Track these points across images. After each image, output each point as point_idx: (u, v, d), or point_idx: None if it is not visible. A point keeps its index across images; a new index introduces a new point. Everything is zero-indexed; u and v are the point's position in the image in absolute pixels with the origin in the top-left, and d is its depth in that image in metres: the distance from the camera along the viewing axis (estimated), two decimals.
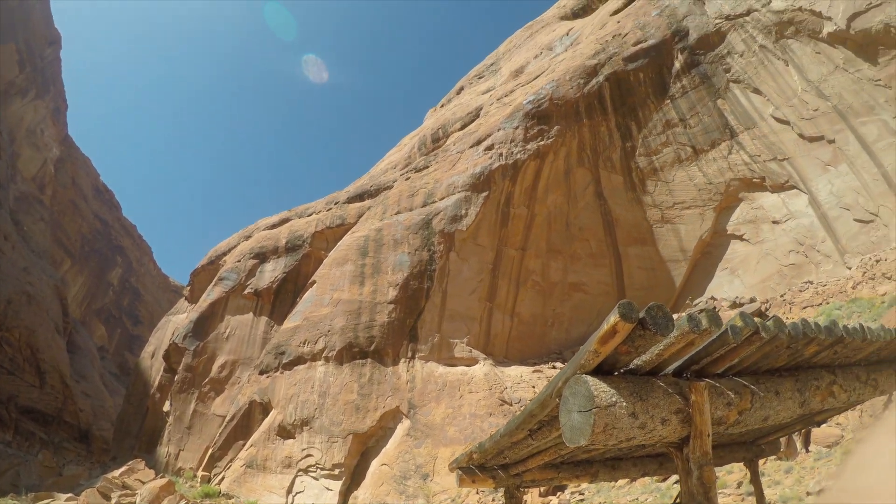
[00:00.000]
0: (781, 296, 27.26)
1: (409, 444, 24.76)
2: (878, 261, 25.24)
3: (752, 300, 28.38)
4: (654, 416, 3.72)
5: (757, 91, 31.41)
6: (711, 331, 3.56)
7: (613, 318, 3.24)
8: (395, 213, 33.57)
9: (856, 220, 27.30)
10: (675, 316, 20.47)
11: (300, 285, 35.68)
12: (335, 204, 38.57)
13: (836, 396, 5.48)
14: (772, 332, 4.16)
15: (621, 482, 18.08)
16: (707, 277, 31.84)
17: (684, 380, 4.10)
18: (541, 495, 19.11)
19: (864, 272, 24.89)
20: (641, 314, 3.30)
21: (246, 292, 36.56)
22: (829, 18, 29.24)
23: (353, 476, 25.40)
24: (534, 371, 27.81)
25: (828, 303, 24.14)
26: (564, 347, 31.73)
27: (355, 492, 24.54)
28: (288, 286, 36.07)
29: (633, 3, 37.96)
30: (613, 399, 3.48)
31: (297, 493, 25.62)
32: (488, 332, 30.70)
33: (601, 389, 3.49)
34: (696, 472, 3.97)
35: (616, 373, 3.80)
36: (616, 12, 38.99)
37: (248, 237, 41.53)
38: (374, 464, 25.20)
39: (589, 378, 3.54)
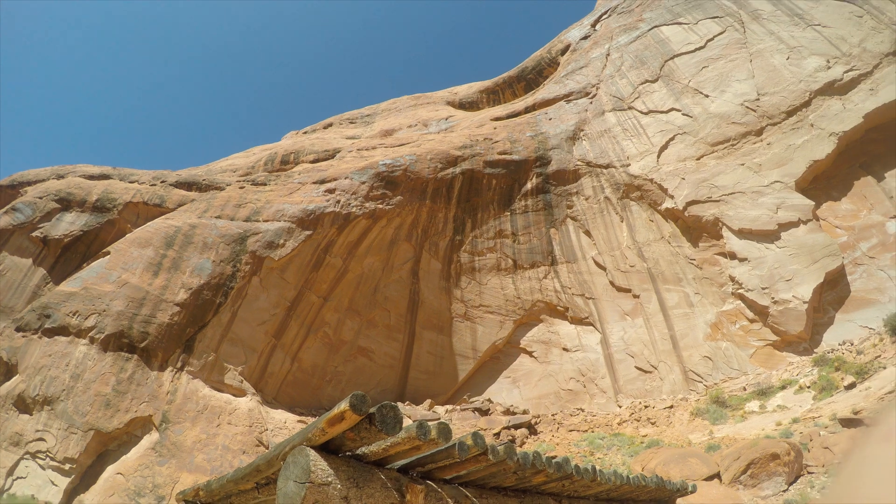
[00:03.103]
0: (553, 415, 31.91)
1: (153, 459, 24.44)
2: (646, 406, 31.29)
3: (525, 412, 32.40)
4: None
5: (588, 233, 37.01)
6: (439, 442, 3.98)
7: (344, 405, 3.59)
8: (216, 217, 34.33)
9: (637, 367, 33.64)
10: (449, 410, 24.49)
11: (93, 251, 34.99)
12: (161, 182, 38.68)
13: None
14: (500, 457, 4.71)
15: None
16: (490, 380, 36.39)
17: (407, 477, 4.49)
18: None
19: (632, 413, 30.74)
20: (372, 410, 3.66)
21: (34, 234, 35.24)
22: (672, 197, 35.61)
23: (84, 477, 24.49)
24: (299, 421, 28.87)
25: (593, 431, 28.95)
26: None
27: (82, 495, 23.67)
28: (80, 246, 35.21)
29: (516, 118, 43.43)
30: (329, 479, 3.75)
31: (18, 477, 24.34)
32: (265, 368, 31.69)
33: (320, 466, 3.77)
34: None
35: (342, 454, 4.09)
36: (497, 119, 44.24)
37: (60, 177, 39.87)
38: (110, 470, 24.52)
39: (312, 452, 3.81)
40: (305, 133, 54.80)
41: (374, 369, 35.52)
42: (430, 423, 3.95)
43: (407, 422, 29.00)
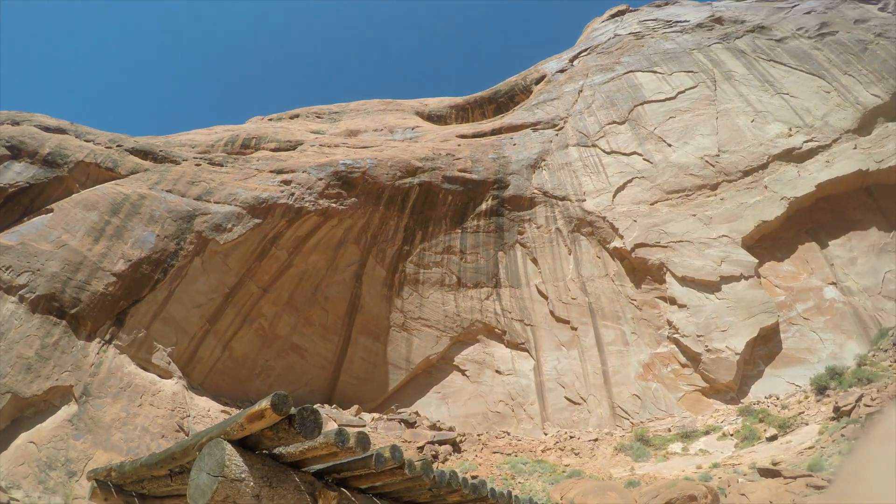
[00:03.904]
0: (479, 435, 32.85)
1: (68, 432, 24.08)
2: (571, 437, 32.55)
3: (451, 429, 33.15)
4: None
5: (535, 261, 38.32)
6: (356, 451, 4.06)
7: (265, 403, 3.63)
8: (167, 191, 34.37)
9: (567, 397, 34.90)
10: (376, 418, 25.29)
11: (37, 205, 34.35)
12: (117, 146, 38.26)
13: None
14: (416, 473, 4.78)
15: None
16: (420, 393, 37.27)
17: (321, 482, 4.53)
18: None
19: (557, 442, 31.90)
20: (294, 411, 3.69)
21: None
22: (622, 237, 37.21)
23: None
24: (222, 411, 28.94)
25: (517, 455, 29.73)
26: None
27: None
28: (24, 198, 34.52)
29: (481, 139, 44.99)
30: (243, 475, 3.77)
31: None
32: (195, 352, 31.64)
33: (235, 462, 3.78)
34: None
35: (259, 452, 4.12)
36: (463, 137, 45.62)
37: (16, 123, 38.74)
38: (23, 437, 23.91)
39: (228, 446, 3.83)
40: (271, 120, 55.12)
41: (306, 368, 35.90)
42: (349, 432, 4.08)
43: (332, 425, 29.55)
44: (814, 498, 16.76)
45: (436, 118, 55.08)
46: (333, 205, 36.45)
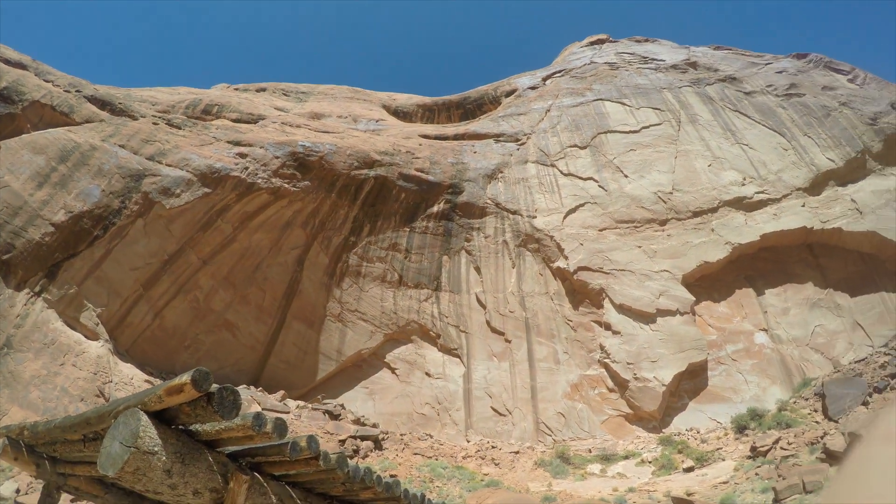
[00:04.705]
0: (402, 435, 33.46)
1: None
2: (493, 447, 33.53)
3: (375, 426, 33.75)
4: (189, 483, 4.04)
5: (478, 270, 39.43)
6: (272, 437, 4.11)
7: (186, 378, 3.63)
8: (120, 145, 34.17)
9: (493, 408, 35.97)
10: (301, 406, 26.04)
11: None
12: (76, 91, 37.96)
13: None
14: (331, 465, 4.84)
15: None
16: (347, 386, 37.87)
17: (235, 465, 4.54)
18: None
19: (479, 450, 32.80)
20: (213, 389, 3.70)
21: None
22: (566, 258, 38.55)
23: None
24: (146, 380, 28.92)
25: (438, 459, 30.53)
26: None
27: None
28: None
29: (443, 142, 46.17)
30: (156, 448, 3.75)
31: None
32: (125, 317, 31.45)
33: (149, 434, 3.77)
34: None
35: (175, 426, 4.12)
36: (426, 137, 46.63)
37: None
38: None
39: (144, 418, 3.82)
40: (237, 90, 55.15)
41: (236, 347, 36.04)
42: (267, 416, 4.11)
43: (256, 408, 29.92)
44: None
45: (402, 114, 55.96)
46: (286, 185, 36.78)
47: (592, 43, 64.12)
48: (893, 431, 1.42)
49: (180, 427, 4.15)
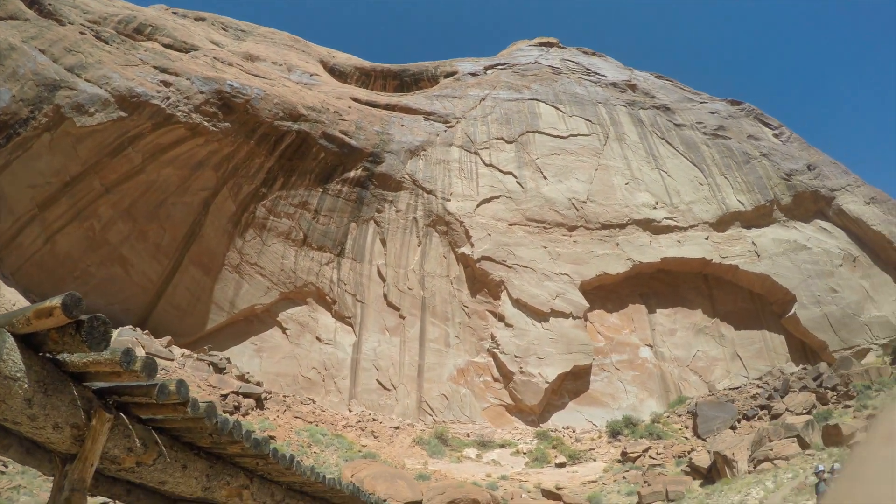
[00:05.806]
0: (285, 396, 34.03)
1: None
2: (375, 420, 34.80)
3: (259, 384, 34.14)
4: (50, 416, 3.92)
5: (384, 242, 40.70)
6: (141, 376, 4.01)
7: (56, 301, 3.51)
8: (41, 50, 33.33)
9: (378, 381, 37.31)
10: (186, 355, 27.24)
11: None
12: None
13: (243, 500, 6.35)
14: (199, 413, 4.74)
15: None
16: (236, 340, 38.30)
17: (100, 402, 4.41)
18: None
19: (360, 421, 33.93)
20: (84, 317, 3.61)
21: None
22: (473, 245, 40.83)
23: None
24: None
25: (318, 426, 31.27)
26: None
27: None
28: None
29: (373, 109, 46.97)
30: (18, 374, 3.62)
31: None
32: (16, 236, 30.90)
33: (13, 358, 3.62)
34: (67, 494, 4.23)
35: (42, 354, 3.97)
36: (356, 100, 47.24)
37: None
38: None
39: (10, 339, 3.67)
40: (175, 14, 53.84)
41: (127, 284, 35.63)
42: (137, 354, 3.99)
43: (140, 352, 29.76)
44: None
45: (337, 73, 56.21)
46: (206, 123, 36.53)
47: (541, 44, 65.86)
48: (893, 431, 1.50)
49: (48, 355, 4.01)
